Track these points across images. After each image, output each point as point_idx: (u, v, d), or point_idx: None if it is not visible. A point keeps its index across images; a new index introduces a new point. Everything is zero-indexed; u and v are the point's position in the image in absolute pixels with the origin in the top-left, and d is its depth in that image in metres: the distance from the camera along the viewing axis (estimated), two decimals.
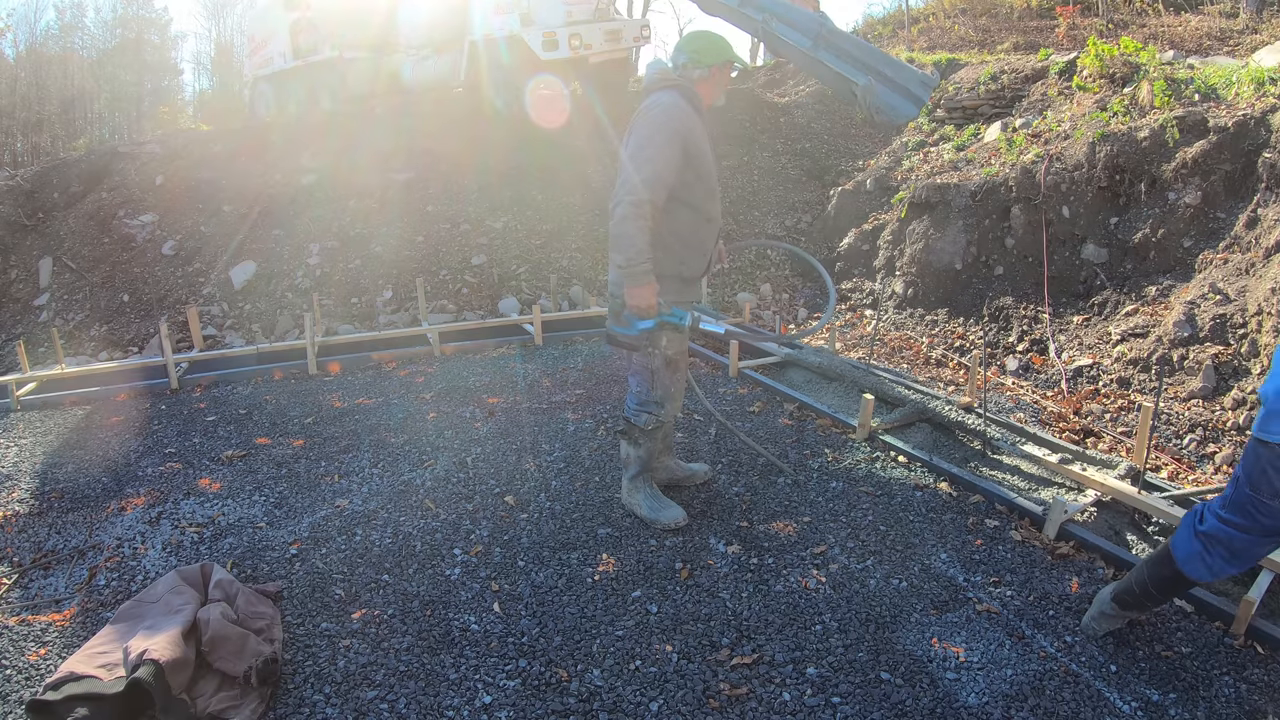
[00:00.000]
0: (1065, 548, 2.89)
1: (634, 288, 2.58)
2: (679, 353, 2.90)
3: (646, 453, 3.00)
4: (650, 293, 2.58)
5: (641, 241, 2.52)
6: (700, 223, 2.77)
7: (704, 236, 2.81)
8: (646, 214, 2.52)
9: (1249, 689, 2.22)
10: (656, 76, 2.73)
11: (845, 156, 8.30)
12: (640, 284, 2.56)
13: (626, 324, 2.69)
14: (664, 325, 2.71)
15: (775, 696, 2.19)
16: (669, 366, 2.87)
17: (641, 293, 2.58)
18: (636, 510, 3.08)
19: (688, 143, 2.60)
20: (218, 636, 2.17)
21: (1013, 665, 2.31)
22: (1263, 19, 8.65)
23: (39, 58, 25.35)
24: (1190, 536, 2.15)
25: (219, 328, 6.07)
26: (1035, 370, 4.83)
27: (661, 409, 2.90)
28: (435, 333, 5.41)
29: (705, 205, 2.75)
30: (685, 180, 2.64)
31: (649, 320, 2.65)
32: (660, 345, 2.82)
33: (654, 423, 2.91)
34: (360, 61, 9.35)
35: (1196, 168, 4.71)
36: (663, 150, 2.55)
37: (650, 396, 2.89)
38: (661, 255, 2.68)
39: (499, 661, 2.34)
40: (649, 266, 2.55)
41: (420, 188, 7.39)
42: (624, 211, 2.53)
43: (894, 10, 15.93)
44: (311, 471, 3.61)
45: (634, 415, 2.94)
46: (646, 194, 2.51)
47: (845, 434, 3.93)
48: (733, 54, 2.78)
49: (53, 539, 3.07)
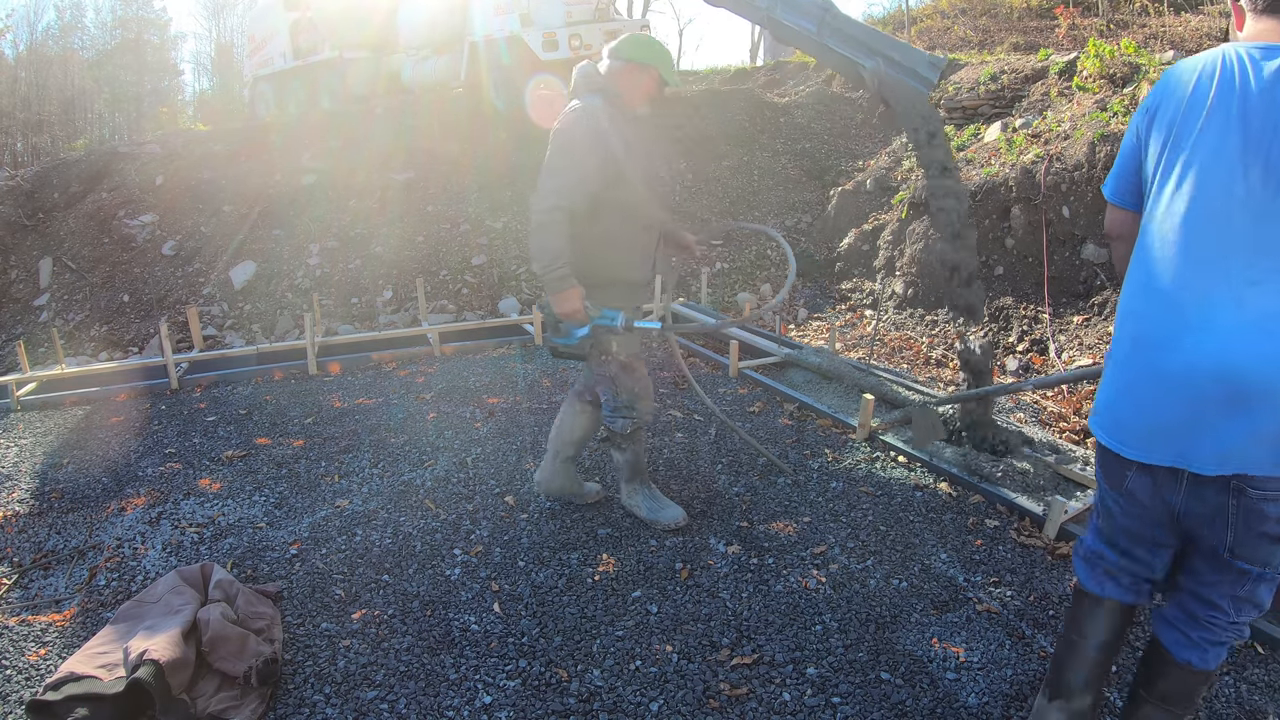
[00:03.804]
0: (1065, 548, 2.89)
1: (556, 294, 2.56)
2: (632, 355, 2.89)
3: (634, 455, 3.03)
4: (573, 297, 2.55)
5: (555, 247, 2.51)
6: (631, 225, 2.73)
7: (637, 239, 2.79)
8: (560, 220, 2.50)
9: (1249, 689, 2.22)
10: (580, 81, 2.68)
11: (845, 156, 8.30)
12: (560, 289, 2.54)
13: (566, 334, 2.68)
14: (600, 330, 2.68)
15: (775, 696, 2.19)
16: (626, 370, 2.86)
17: (563, 298, 2.55)
18: (636, 511, 3.09)
19: (607, 147, 2.57)
20: (218, 637, 2.17)
21: (1013, 665, 2.31)
22: None
23: (39, 58, 25.37)
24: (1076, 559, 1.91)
25: (219, 328, 6.07)
26: (1035, 370, 4.83)
27: (634, 410, 2.91)
28: (435, 333, 5.41)
29: (635, 207, 2.71)
30: (608, 183, 2.61)
31: (584, 327, 2.63)
32: (611, 351, 2.80)
33: (631, 426, 2.93)
34: (360, 62, 9.36)
35: None
36: (575, 156, 2.53)
37: (619, 402, 2.90)
38: (595, 261, 2.67)
39: (499, 662, 2.34)
40: (566, 271, 2.52)
41: (420, 188, 7.39)
42: (537, 220, 2.52)
43: (894, 10, 15.93)
44: (311, 472, 3.61)
45: (611, 423, 2.95)
46: (558, 200, 2.50)
47: (845, 434, 3.94)
48: (654, 59, 2.67)
49: (53, 539, 3.07)
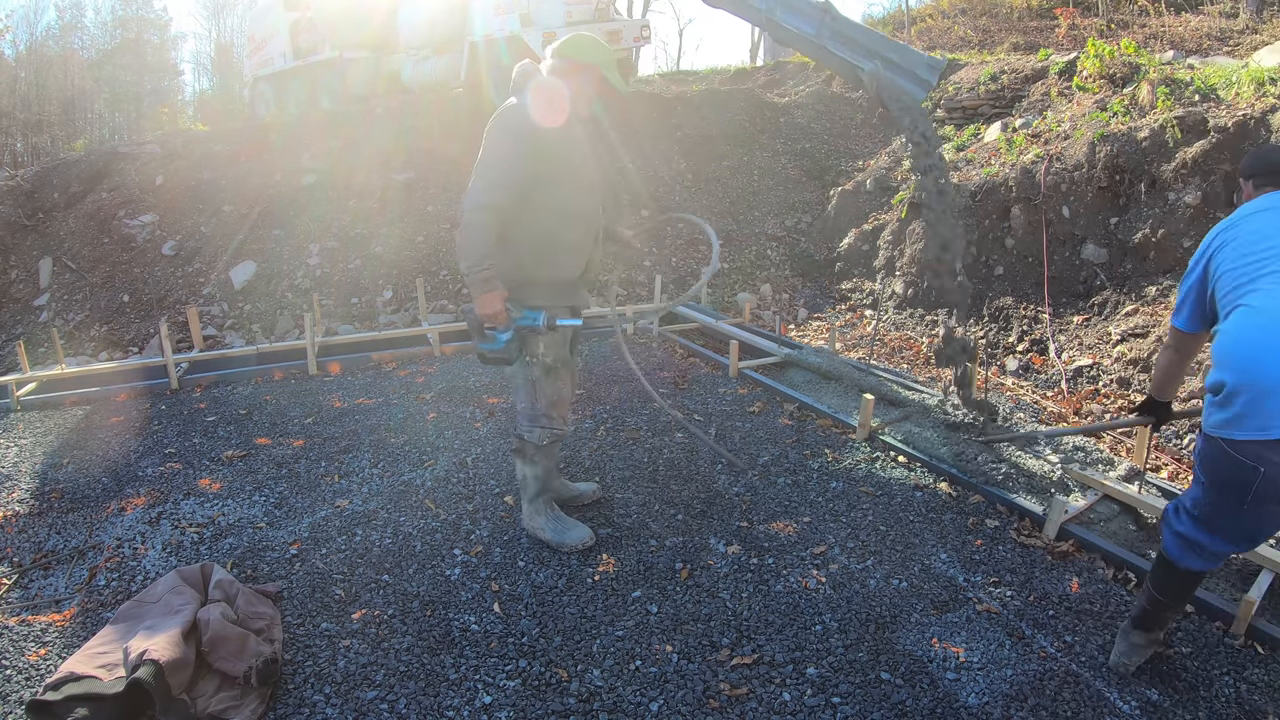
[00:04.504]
0: (1065, 547, 2.89)
1: (480, 295, 2.47)
2: (559, 359, 2.78)
3: (544, 470, 2.90)
4: (496, 299, 2.47)
5: (482, 248, 2.44)
6: (566, 223, 2.65)
7: (573, 236, 2.69)
8: (487, 220, 2.45)
9: (1249, 689, 2.22)
10: (518, 78, 2.66)
11: (845, 156, 8.30)
12: (484, 290, 2.46)
13: (490, 339, 2.57)
14: (523, 331, 2.60)
15: (775, 697, 2.19)
16: (549, 374, 2.76)
17: (486, 300, 2.47)
18: (540, 534, 2.94)
19: (539, 143, 2.51)
20: (218, 637, 2.17)
21: (1013, 665, 2.31)
22: (1263, 19, 8.65)
23: (39, 58, 25.36)
24: (1171, 535, 2.15)
25: (219, 328, 6.07)
26: (1035, 370, 4.83)
27: (551, 419, 2.80)
28: (435, 333, 5.41)
29: (570, 204, 2.65)
30: (540, 181, 2.55)
31: (507, 330, 2.55)
32: (538, 353, 2.71)
33: (549, 436, 2.81)
34: (360, 61, 9.35)
35: (1196, 168, 4.72)
36: (502, 153, 2.49)
37: (538, 409, 2.78)
38: (527, 259, 2.62)
39: (499, 662, 2.34)
40: (492, 273, 2.46)
41: (420, 188, 7.39)
42: (465, 219, 2.46)
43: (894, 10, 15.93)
44: (311, 472, 3.61)
45: (527, 432, 2.81)
46: (486, 198, 2.44)
47: (845, 434, 3.93)
48: (595, 57, 2.65)
49: (53, 539, 3.07)
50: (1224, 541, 2.05)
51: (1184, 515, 2.11)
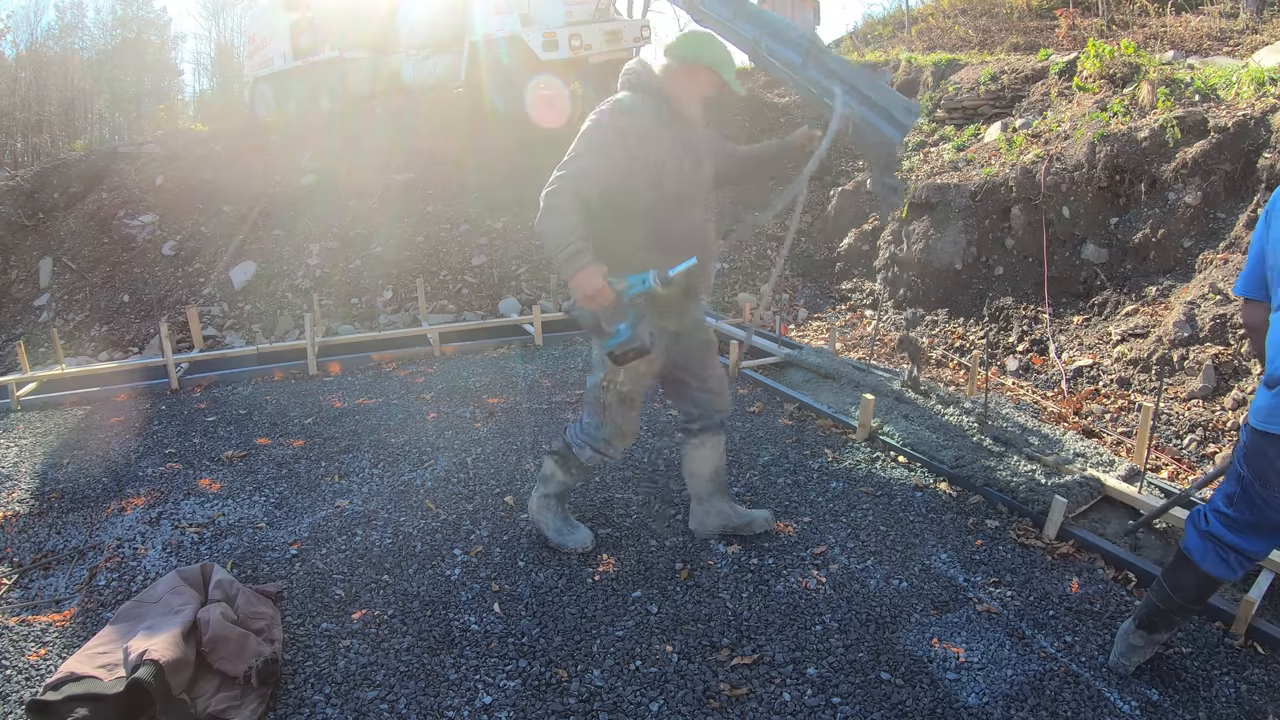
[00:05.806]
0: (1065, 547, 2.89)
1: (573, 278, 2.27)
2: (635, 390, 2.64)
3: (575, 480, 2.86)
4: (592, 275, 2.25)
5: (565, 224, 2.27)
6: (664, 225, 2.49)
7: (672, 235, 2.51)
8: (567, 201, 2.30)
9: (1249, 689, 2.22)
10: (623, 76, 2.57)
11: (845, 156, 8.29)
12: (575, 268, 2.25)
13: (612, 332, 2.36)
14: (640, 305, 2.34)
15: (775, 697, 2.19)
16: (623, 404, 2.64)
17: (581, 279, 2.25)
18: (543, 529, 2.91)
19: (632, 143, 2.39)
20: (218, 637, 2.17)
21: (1013, 665, 2.31)
22: (1263, 19, 8.65)
23: (39, 58, 25.34)
24: (1198, 537, 2.11)
25: (219, 328, 6.07)
26: (1035, 370, 4.83)
27: (610, 446, 2.73)
28: (435, 333, 5.41)
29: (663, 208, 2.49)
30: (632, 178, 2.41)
31: (624, 315, 2.33)
32: (616, 380, 2.58)
33: (597, 460, 2.75)
34: (360, 62, 9.34)
35: (1196, 168, 4.71)
36: (591, 146, 2.38)
37: (600, 434, 2.71)
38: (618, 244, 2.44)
39: (499, 662, 2.34)
40: (579, 246, 2.26)
41: (420, 188, 7.39)
42: (544, 204, 2.32)
43: (894, 10, 15.92)
44: (311, 472, 3.61)
45: (577, 446, 2.74)
46: (565, 183, 2.32)
47: (845, 434, 3.93)
48: (714, 61, 2.51)
49: (53, 539, 3.07)
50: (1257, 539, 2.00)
51: (1214, 517, 2.06)
